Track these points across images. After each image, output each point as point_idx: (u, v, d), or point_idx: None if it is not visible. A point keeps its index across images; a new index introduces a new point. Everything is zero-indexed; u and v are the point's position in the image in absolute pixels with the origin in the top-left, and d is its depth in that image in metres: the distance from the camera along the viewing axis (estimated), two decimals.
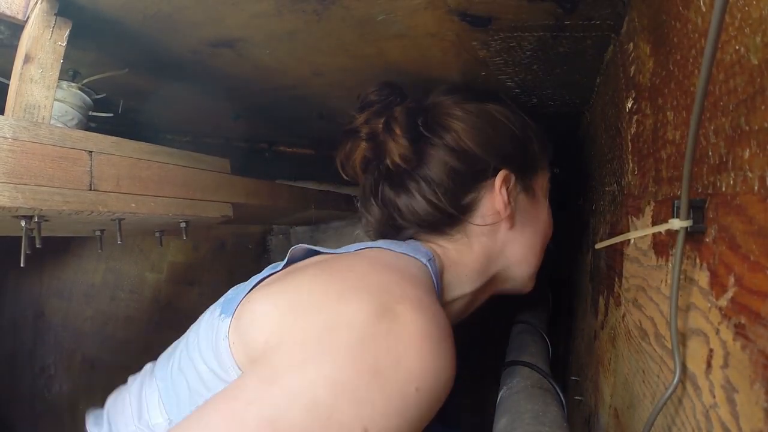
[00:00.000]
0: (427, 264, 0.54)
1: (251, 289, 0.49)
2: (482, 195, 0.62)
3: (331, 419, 0.33)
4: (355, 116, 0.64)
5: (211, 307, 0.52)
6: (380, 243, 0.57)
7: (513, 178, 0.63)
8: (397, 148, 0.60)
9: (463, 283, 0.61)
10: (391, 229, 0.65)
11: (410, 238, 0.63)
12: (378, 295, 0.40)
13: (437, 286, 0.54)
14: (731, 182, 0.26)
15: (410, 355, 0.36)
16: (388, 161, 0.61)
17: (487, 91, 0.69)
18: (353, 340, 0.36)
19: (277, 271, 0.53)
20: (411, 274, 0.49)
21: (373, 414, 0.34)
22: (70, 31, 0.57)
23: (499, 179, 0.61)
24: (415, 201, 0.61)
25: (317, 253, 0.57)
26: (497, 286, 0.67)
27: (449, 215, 0.61)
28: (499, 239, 0.63)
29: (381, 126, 0.62)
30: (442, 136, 0.61)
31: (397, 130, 0.60)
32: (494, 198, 0.62)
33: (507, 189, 0.62)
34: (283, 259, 0.56)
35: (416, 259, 0.54)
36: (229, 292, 0.52)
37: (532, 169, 0.67)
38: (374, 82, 0.66)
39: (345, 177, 0.68)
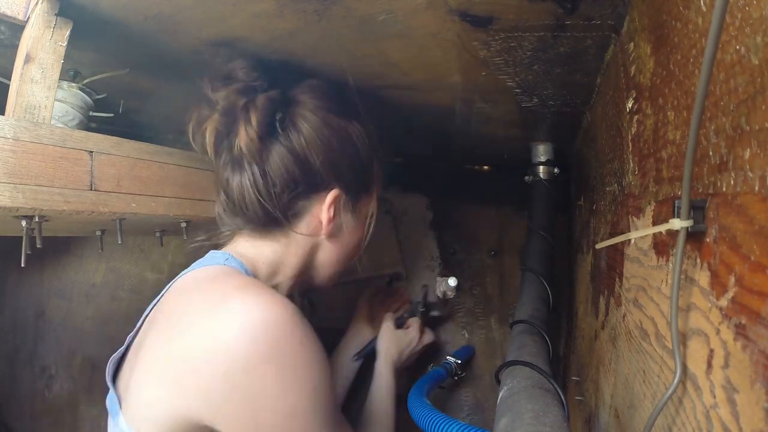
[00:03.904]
0: (225, 263, 0.61)
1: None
2: (311, 205, 0.65)
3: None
4: (216, 86, 0.62)
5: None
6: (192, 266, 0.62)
7: (343, 197, 0.66)
8: (246, 137, 0.60)
9: (279, 275, 0.66)
10: (225, 213, 0.66)
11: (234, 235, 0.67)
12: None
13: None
14: (732, 182, 0.26)
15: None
16: (234, 142, 0.61)
17: (355, 106, 0.68)
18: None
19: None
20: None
21: None
22: (71, 32, 0.57)
23: (330, 196, 0.64)
24: (247, 190, 0.62)
25: None
26: (305, 278, 0.71)
27: (275, 218, 0.63)
28: (315, 245, 0.68)
29: (240, 105, 0.60)
30: (290, 137, 0.61)
31: (254, 120, 0.59)
32: (321, 212, 0.64)
33: (335, 207, 0.65)
34: None
35: (222, 265, 0.60)
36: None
37: (364, 193, 0.70)
38: (245, 59, 0.63)
39: (194, 146, 0.66)
